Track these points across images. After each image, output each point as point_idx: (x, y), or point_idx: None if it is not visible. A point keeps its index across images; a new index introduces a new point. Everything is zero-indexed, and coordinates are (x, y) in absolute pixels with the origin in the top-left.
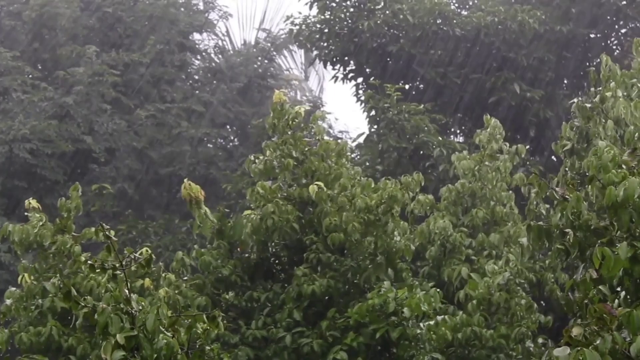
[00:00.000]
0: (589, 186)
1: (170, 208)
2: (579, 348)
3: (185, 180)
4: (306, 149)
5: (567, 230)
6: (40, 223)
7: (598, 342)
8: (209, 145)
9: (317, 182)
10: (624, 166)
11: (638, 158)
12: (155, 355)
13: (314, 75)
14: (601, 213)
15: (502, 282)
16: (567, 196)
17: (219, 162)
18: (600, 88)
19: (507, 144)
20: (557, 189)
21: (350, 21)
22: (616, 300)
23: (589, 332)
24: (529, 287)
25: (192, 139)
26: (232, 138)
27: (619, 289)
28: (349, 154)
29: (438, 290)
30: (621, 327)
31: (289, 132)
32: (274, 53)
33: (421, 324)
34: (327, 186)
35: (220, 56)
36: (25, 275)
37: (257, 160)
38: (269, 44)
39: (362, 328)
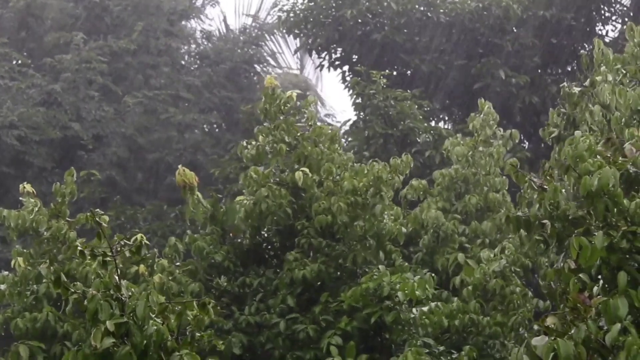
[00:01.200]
0: (566, 176)
1: (158, 194)
2: (554, 337)
3: (179, 166)
4: (298, 134)
5: (544, 221)
6: (36, 208)
7: (573, 331)
8: (196, 131)
9: (302, 169)
10: (598, 156)
11: (614, 147)
12: (145, 342)
13: (310, 61)
14: (581, 202)
15: (497, 269)
16: (545, 186)
17: (205, 148)
18: (592, 72)
19: (501, 130)
20: (535, 179)
21: (334, 9)
22: (595, 288)
23: (565, 322)
24: (522, 272)
25: (180, 124)
26: (219, 123)
27: (599, 276)
28: (342, 140)
29: (432, 275)
30: (600, 315)
31: (281, 117)
32: (264, 39)
33: (414, 309)
34: (318, 172)
35: (206, 41)
36: (19, 260)
37: (249, 146)
38: (256, 30)
39: (356, 312)
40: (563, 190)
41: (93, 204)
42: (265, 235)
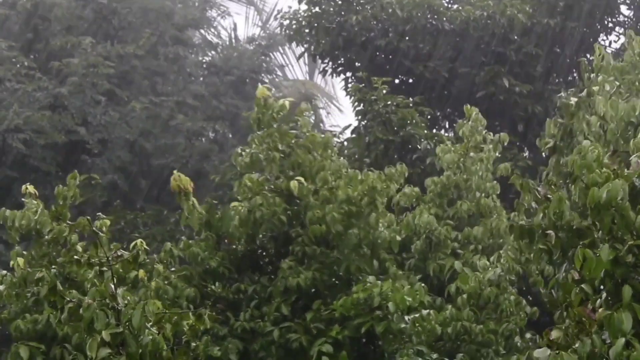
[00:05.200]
0: (572, 186)
1: (162, 199)
2: (558, 351)
3: (174, 171)
4: (293, 141)
5: (549, 231)
6: (39, 210)
7: (577, 345)
8: (202, 139)
9: (297, 178)
10: (605, 168)
11: (619, 160)
12: (141, 352)
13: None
14: (584, 212)
15: (493, 277)
16: (549, 196)
17: (212, 156)
18: (591, 80)
19: (491, 134)
20: (539, 188)
21: (338, 16)
22: (598, 301)
23: (569, 335)
24: (516, 280)
25: (187, 131)
26: (225, 132)
27: (602, 287)
28: (335, 147)
29: (423, 285)
30: (602, 328)
31: (275, 126)
32: (272, 49)
33: (406, 318)
34: (312, 179)
35: (214, 51)
36: (19, 261)
37: (243, 153)
38: (264, 41)
39: (347, 321)
40: (567, 201)
41: (94, 208)
42: (260, 242)
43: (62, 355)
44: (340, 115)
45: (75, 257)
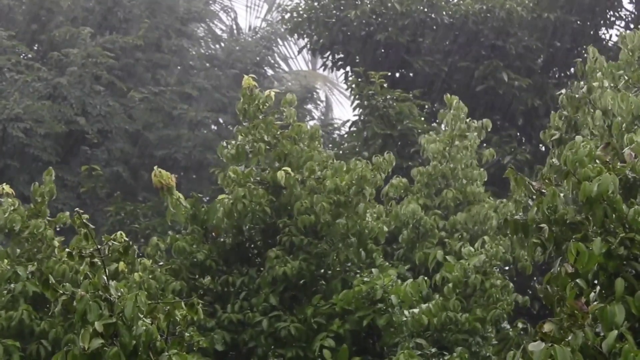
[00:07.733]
0: (565, 181)
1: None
2: (551, 344)
3: (155, 167)
4: (278, 132)
5: (542, 225)
6: (12, 208)
7: (570, 338)
8: (204, 130)
9: (284, 168)
10: (597, 161)
11: (613, 152)
12: (134, 342)
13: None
14: (579, 207)
15: (477, 264)
16: (543, 190)
17: (215, 147)
18: (587, 79)
19: (475, 121)
20: (534, 183)
21: (337, 10)
22: (592, 294)
23: (562, 328)
24: (504, 266)
25: (190, 121)
26: (227, 124)
27: (595, 281)
28: (321, 137)
29: (425, 278)
30: (596, 321)
31: (260, 117)
32: (275, 42)
33: (406, 312)
34: (298, 169)
35: (217, 44)
36: None
37: (229, 146)
38: (266, 33)
39: (348, 315)
40: (561, 195)
41: (96, 199)
42: (247, 234)
43: (39, 351)
44: (348, 105)
45: (67, 249)
